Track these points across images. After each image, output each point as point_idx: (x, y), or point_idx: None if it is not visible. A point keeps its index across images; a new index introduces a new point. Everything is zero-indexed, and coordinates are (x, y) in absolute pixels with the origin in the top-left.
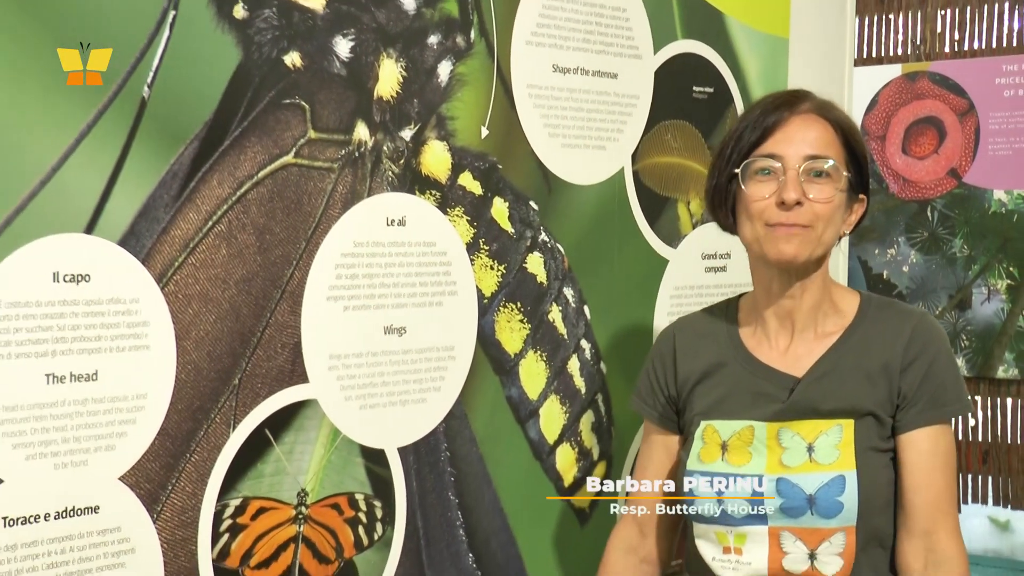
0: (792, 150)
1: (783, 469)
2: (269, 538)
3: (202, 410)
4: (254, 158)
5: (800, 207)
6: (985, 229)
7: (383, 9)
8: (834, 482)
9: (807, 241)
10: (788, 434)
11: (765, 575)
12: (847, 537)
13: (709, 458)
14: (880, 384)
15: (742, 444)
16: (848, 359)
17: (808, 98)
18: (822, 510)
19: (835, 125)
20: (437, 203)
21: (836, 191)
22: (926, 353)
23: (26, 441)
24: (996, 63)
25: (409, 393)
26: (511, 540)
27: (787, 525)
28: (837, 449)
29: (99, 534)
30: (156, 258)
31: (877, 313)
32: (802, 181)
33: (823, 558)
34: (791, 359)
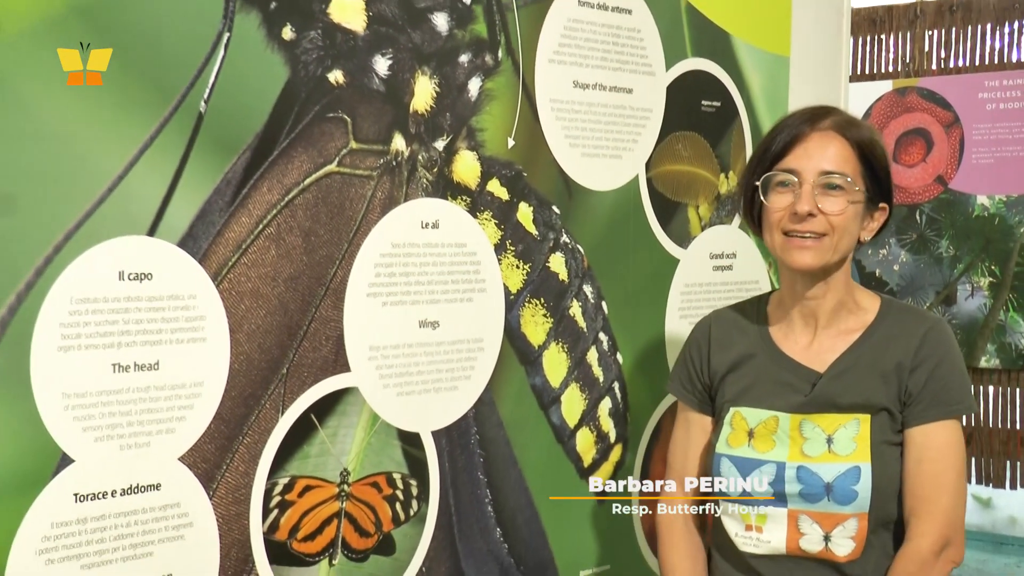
0: (809, 165)
1: (804, 458)
2: (314, 513)
3: (253, 397)
4: (301, 167)
5: (813, 218)
6: (969, 231)
7: (418, 30)
8: (850, 472)
9: (821, 250)
10: (809, 426)
11: (783, 553)
12: (860, 522)
13: (737, 443)
14: (892, 382)
15: (767, 432)
16: (866, 357)
17: (831, 115)
18: (838, 497)
19: (852, 142)
20: (468, 208)
21: (848, 203)
22: (934, 356)
23: (95, 425)
24: (979, 79)
25: (442, 381)
26: (535, 516)
27: (805, 509)
28: (854, 442)
29: (160, 509)
30: (212, 258)
31: (896, 316)
32: (816, 194)
33: (837, 540)
34: (814, 353)
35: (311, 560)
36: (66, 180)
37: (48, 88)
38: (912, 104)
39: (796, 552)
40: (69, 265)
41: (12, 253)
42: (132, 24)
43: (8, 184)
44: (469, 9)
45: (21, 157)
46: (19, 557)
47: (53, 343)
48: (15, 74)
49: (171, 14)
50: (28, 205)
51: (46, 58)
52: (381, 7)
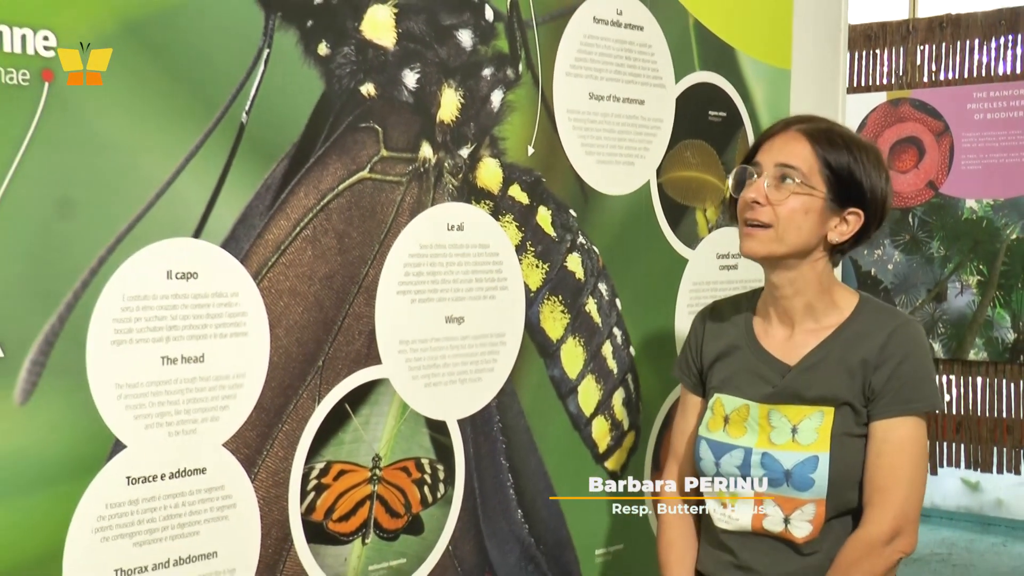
0: (768, 159)
1: (770, 445)
2: (348, 496)
3: (292, 387)
4: (335, 173)
5: (761, 207)
6: (959, 233)
7: (444, 46)
8: (808, 461)
9: (767, 239)
10: (777, 415)
11: (749, 530)
12: (817, 508)
13: (714, 428)
14: (857, 377)
15: (740, 420)
16: (835, 353)
17: (805, 120)
18: (796, 483)
19: (816, 144)
20: (490, 211)
21: (797, 197)
22: (898, 354)
23: (145, 413)
24: (968, 91)
25: (467, 373)
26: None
27: (768, 493)
28: (816, 432)
29: (206, 491)
30: (253, 258)
31: (868, 314)
32: (771, 185)
33: (795, 523)
34: (789, 348)
35: (345, 539)
36: (119, 186)
37: (103, 101)
38: (905, 114)
39: (760, 530)
40: (121, 265)
41: (69, 254)
42: (180, 41)
43: (66, 190)
44: (492, 26)
45: (78, 165)
46: (77, 535)
47: (107, 337)
48: (74, 90)
49: (215, 32)
50: (84, 209)
51: (102, 75)
52: (410, 24)
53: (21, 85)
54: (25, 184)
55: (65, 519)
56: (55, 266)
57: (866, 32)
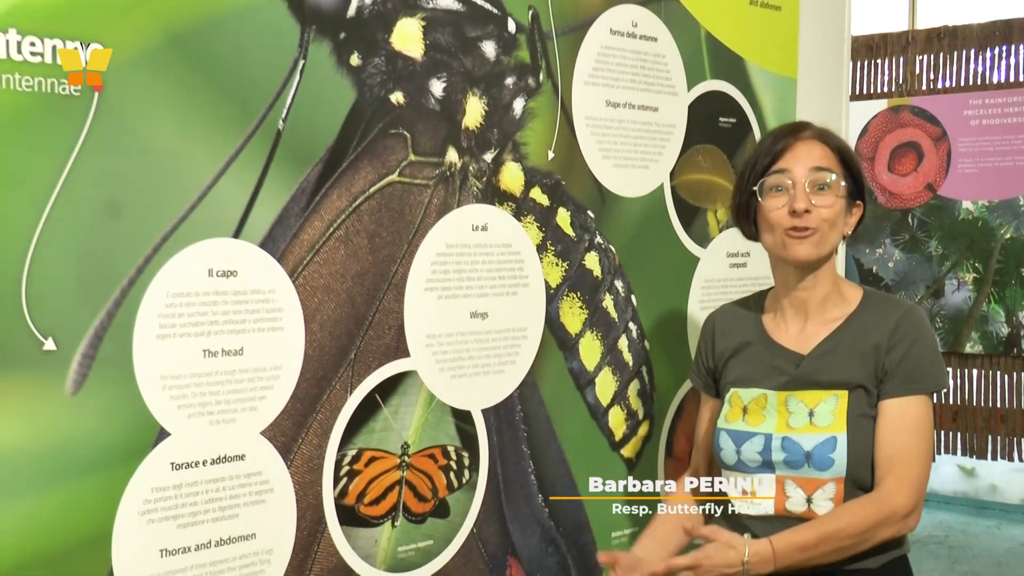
0: (799, 166)
1: (789, 430)
2: (379, 481)
3: (325, 379)
4: (366, 177)
5: (808, 214)
6: (956, 233)
7: (469, 57)
8: (828, 442)
9: (816, 243)
10: (794, 401)
11: (773, 514)
12: (837, 486)
13: (733, 418)
14: (869, 361)
15: (758, 408)
16: (846, 341)
17: (808, 127)
18: (817, 464)
19: (832, 146)
20: (513, 212)
21: (836, 198)
22: (908, 337)
23: (188, 403)
24: (964, 98)
25: (490, 365)
26: (572, 484)
27: (789, 475)
28: (832, 415)
29: (245, 477)
30: (289, 257)
31: (875, 304)
32: (808, 193)
33: (818, 502)
34: (801, 339)
35: (376, 522)
36: (163, 189)
37: (149, 109)
38: (905, 120)
39: (783, 513)
40: (166, 264)
41: (117, 253)
42: (221, 53)
43: (114, 193)
44: (514, 38)
45: (126, 170)
46: (124, 517)
47: (152, 332)
48: (121, 98)
49: (254, 44)
50: (131, 211)
51: (148, 83)
52: (436, 36)
53: (72, 95)
54: (76, 188)
55: (114, 502)
56: (104, 265)
57: (868, 43)
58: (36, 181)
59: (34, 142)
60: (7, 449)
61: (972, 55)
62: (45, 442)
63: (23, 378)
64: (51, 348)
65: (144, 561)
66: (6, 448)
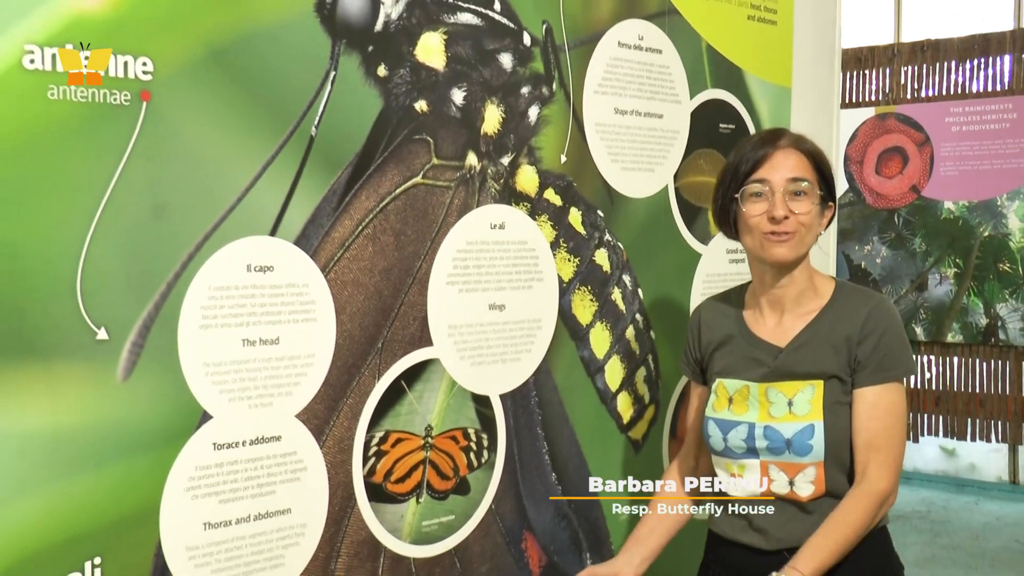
0: (776, 176)
1: (770, 419)
2: (404, 461)
3: (355, 366)
4: (392, 179)
5: (786, 220)
6: (938, 231)
7: (488, 68)
8: (806, 429)
9: (794, 245)
10: (774, 391)
11: (759, 495)
12: (817, 470)
13: (720, 408)
14: (842, 352)
15: (742, 399)
16: (820, 333)
17: (785, 135)
18: (797, 450)
19: (806, 154)
20: (528, 212)
21: (812, 204)
22: (878, 329)
23: (229, 388)
24: (945, 106)
25: (507, 354)
26: (583, 463)
27: (772, 460)
28: (810, 404)
29: (281, 456)
30: (321, 254)
31: (846, 296)
32: (786, 199)
33: (799, 484)
34: (779, 332)
35: (402, 498)
36: (205, 191)
37: (192, 117)
38: (891, 127)
39: (768, 494)
40: (208, 260)
41: (163, 250)
42: (259, 66)
43: (161, 195)
44: (529, 50)
45: (171, 174)
46: (171, 493)
47: (195, 322)
48: (168, 108)
49: (289, 58)
50: (176, 212)
51: (192, 94)
52: (457, 49)
53: (123, 105)
54: (126, 190)
55: (161, 479)
56: (151, 261)
57: (856, 55)
58: (89, 184)
59: (88, 149)
60: (65, 430)
61: (953, 66)
62: (99, 424)
63: (79, 365)
64: (104, 338)
65: (189, 533)
66: (64, 429)
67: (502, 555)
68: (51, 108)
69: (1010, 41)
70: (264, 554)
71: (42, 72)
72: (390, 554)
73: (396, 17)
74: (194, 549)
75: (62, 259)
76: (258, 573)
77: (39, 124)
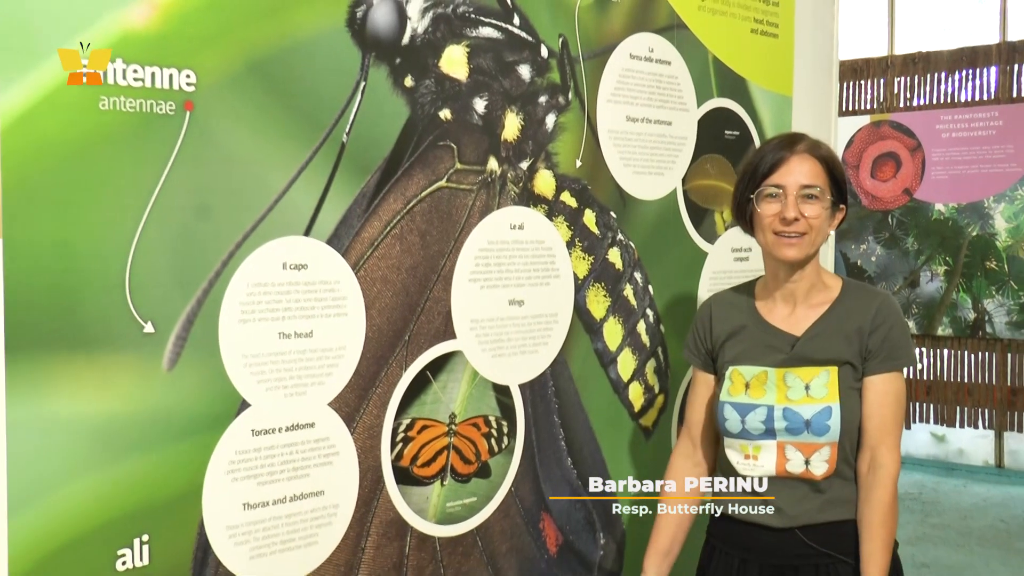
0: (791, 180)
1: (788, 401)
2: (429, 446)
3: (383, 358)
4: (418, 183)
5: (797, 222)
6: (929, 231)
7: (508, 79)
8: (824, 411)
9: (804, 245)
10: (791, 376)
11: (773, 475)
12: (831, 449)
13: (736, 392)
14: (854, 342)
15: (759, 384)
16: (833, 324)
17: (803, 140)
18: (815, 430)
19: (821, 160)
20: (545, 213)
21: (822, 208)
22: (887, 322)
23: (265, 378)
24: (936, 114)
25: (526, 346)
26: (597, 449)
27: (790, 440)
28: (826, 387)
29: (315, 442)
30: (352, 252)
31: (855, 292)
32: (798, 202)
33: (814, 463)
34: (792, 322)
35: (427, 481)
36: (245, 194)
37: (232, 125)
38: (885, 133)
39: (783, 474)
40: (247, 258)
41: (205, 249)
42: (294, 78)
43: (203, 198)
44: (546, 62)
45: (214, 178)
46: (213, 475)
47: (235, 317)
48: (210, 118)
49: (322, 70)
50: (217, 213)
51: (231, 103)
52: (479, 61)
53: (168, 114)
54: (171, 194)
55: (203, 463)
56: (194, 259)
57: (853, 66)
58: (137, 188)
59: (136, 155)
60: (115, 417)
61: (943, 77)
62: (146, 412)
63: (127, 357)
64: (150, 331)
65: (230, 513)
66: (114, 416)
67: (521, 535)
68: (102, 118)
69: (996, 53)
70: (299, 533)
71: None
72: (416, 533)
73: (422, 31)
74: (234, 528)
75: (112, 257)
76: (293, 551)
77: (91, 132)
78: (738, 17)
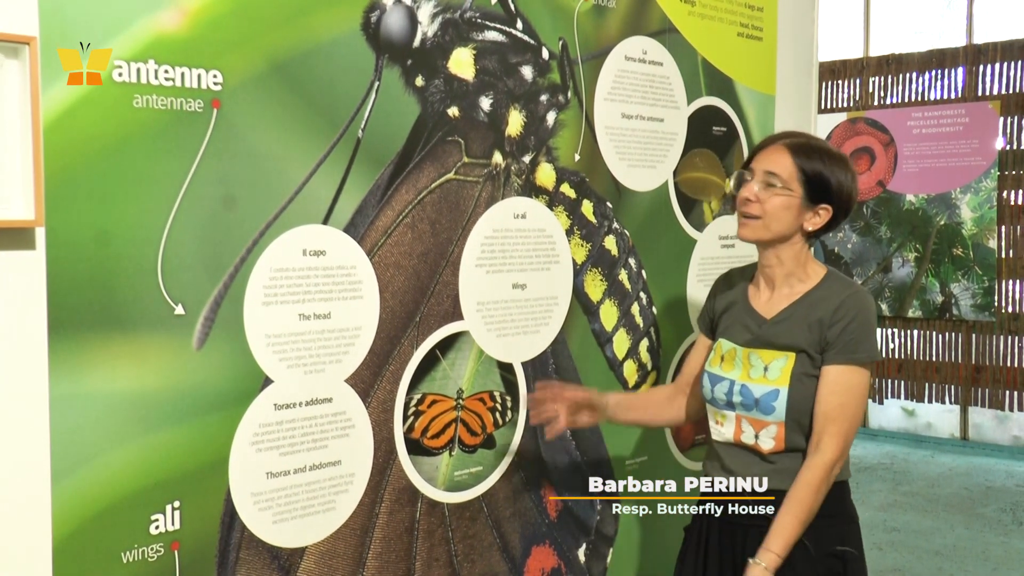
0: (758, 167)
1: (747, 379)
2: (439, 419)
3: (396, 337)
4: (429, 175)
5: (752, 203)
6: (901, 220)
7: (512, 79)
8: (772, 393)
9: (757, 227)
10: (755, 356)
11: (732, 442)
12: (778, 428)
13: (714, 363)
14: (815, 331)
15: (731, 358)
16: (799, 312)
17: (790, 136)
18: (762, 409)
19: (795, 156)
20: (546, 203)
21: (781, 198)
22: (847, 316)
23: (287, 356)
24: (907, 112)
25: (528, 326)
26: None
27: (744, 415)
28: (781, 371)
29: (332, 416)
30: (367, 240)
31: (829, 284)
32: (759, 188)
33: (763, 438)
34: (768, 306)
35: (436, 452)
36: (268, 186)
37: (256, 122)
38: (860, 130)
39: (739, 443)
40: (269, 245)
41: (231, 237)
42: (314, 78)
43: (229, 189)
44: (547, 63)
45: (239, 171)
46: (238, 447)
47: (259, 299)
48: (235, 115)
49: (340, 70)
50: (242, 204)
51: (255, 101)
52: (485, 62)
53: (196, 112)
54: (200, 185)
55: (230, 435)
56: (221, 246)
57: (831, 67)
58: (169, 180)
59: (167, 149)
60: (148, 393)
61: (914, 77)
62: (177, 388)
63: (159, 336)
64: (181, 312)
65: (254, 481)
66: (148, 392)
67: (523, 501)
68: (136, 115)
69: (963, 55)
70: (318, 499)
71: (129, 84)
72: (427, 500)
73: (432, 35)
74: (259, 495)
75: (146, 245)
76: (313, 515)
77: (126, 129)
78: (725, 22)
